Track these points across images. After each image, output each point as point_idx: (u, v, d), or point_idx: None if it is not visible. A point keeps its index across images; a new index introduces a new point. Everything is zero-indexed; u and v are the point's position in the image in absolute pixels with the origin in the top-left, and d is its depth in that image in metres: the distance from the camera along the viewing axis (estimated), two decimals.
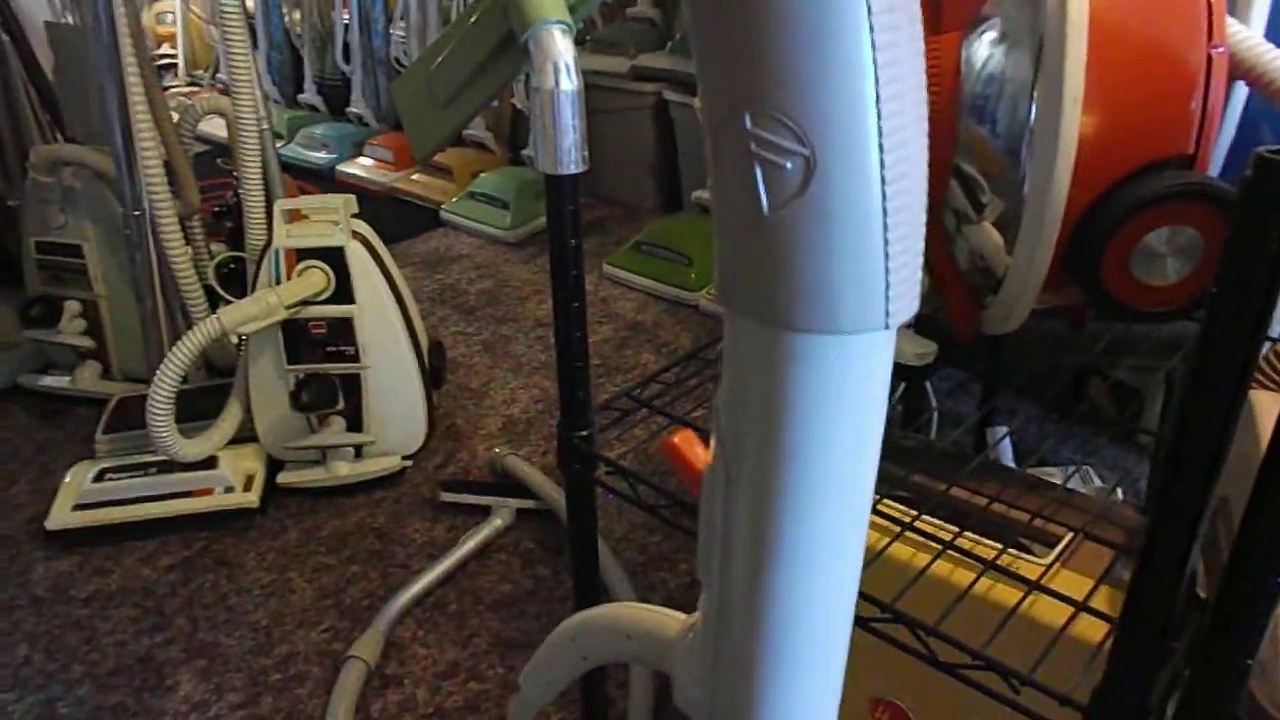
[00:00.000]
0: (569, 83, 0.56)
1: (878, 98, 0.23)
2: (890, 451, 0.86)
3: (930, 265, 0.81)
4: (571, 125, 0.57)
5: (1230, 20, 0.72)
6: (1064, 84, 0.64)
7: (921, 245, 0.27)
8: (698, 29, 0.26)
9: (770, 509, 0.30)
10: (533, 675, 0.59)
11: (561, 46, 0.56)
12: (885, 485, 0.85)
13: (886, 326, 0.27)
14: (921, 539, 0.75)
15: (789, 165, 0.24)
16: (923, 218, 0.27)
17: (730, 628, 0.33)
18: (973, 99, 0.78)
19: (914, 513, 0.76)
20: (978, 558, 0.71)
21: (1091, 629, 0.65)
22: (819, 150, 0.24)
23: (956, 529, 0.74)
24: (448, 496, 1.59)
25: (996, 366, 1.13)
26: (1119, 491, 1.31)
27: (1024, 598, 0.67)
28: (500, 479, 1.64)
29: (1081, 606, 0.64)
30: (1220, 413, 0.40)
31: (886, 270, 0.25)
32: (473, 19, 0.63)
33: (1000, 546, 0.73)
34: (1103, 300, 0.70)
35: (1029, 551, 0.74)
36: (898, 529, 0.75)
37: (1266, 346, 0.75)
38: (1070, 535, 0.74)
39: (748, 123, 0.24)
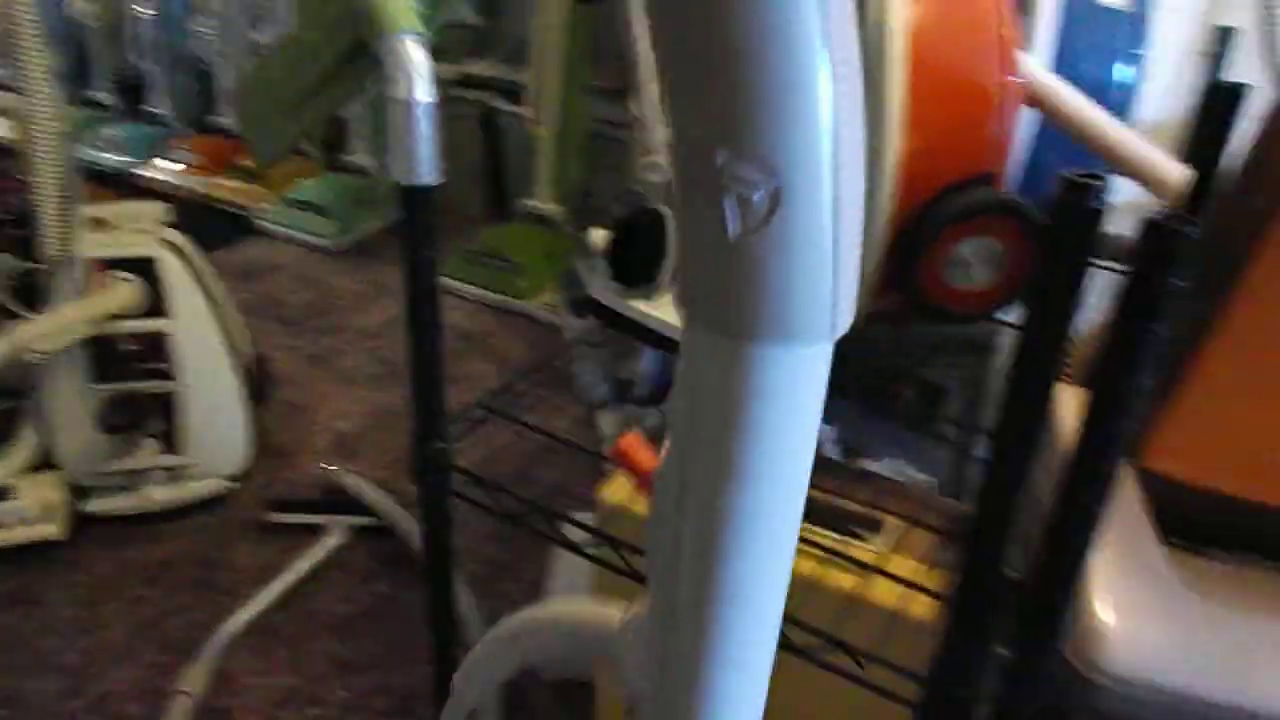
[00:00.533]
0: (425, 94, 0.56)
1: (835, 133, 0.26)
2: None
3: None
4: (427, 136, 0.57)
5: (1019, 53, 0.81)
6: (886, 112, 0.69)
7: (858, 264, 0.30)
8: (669, 74, 0.28)
9: (725, 505, 0.32)
10: (469, 677, 0.60)
11: (417, 57, 0.56)
12: None
13: (831, 338, 0.29)
14: None
15: (758, 196, 0.26)
16: (859, 239, 0.29)
17: (677, 621, 0.35)
18: None
19: None
20: (820, 545, 0.75)
21: (925, 608, 0.71)
22: (786, 181, 0.26)
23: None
24: (276, 518, 1.53)
25: None
26: (933, 481, 1.41)
27: (894, 583, 0.72)
28: (333, 496, 1.59)
29: (916, 587, 0.70)
30: (1039, 404, 0.45)
31: (834, 286, 0.28)
32: (318, 25, 0.62)
33: (837, 535, 0.78)
34: (922, 304, 0.76)
35: (863, 539, 0.80)
36: None
37: None
38: (899, 522, 0.81)
39: (720, 159, 0.26)
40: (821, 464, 0.95)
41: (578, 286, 0.94)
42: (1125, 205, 0.62)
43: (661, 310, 0.84)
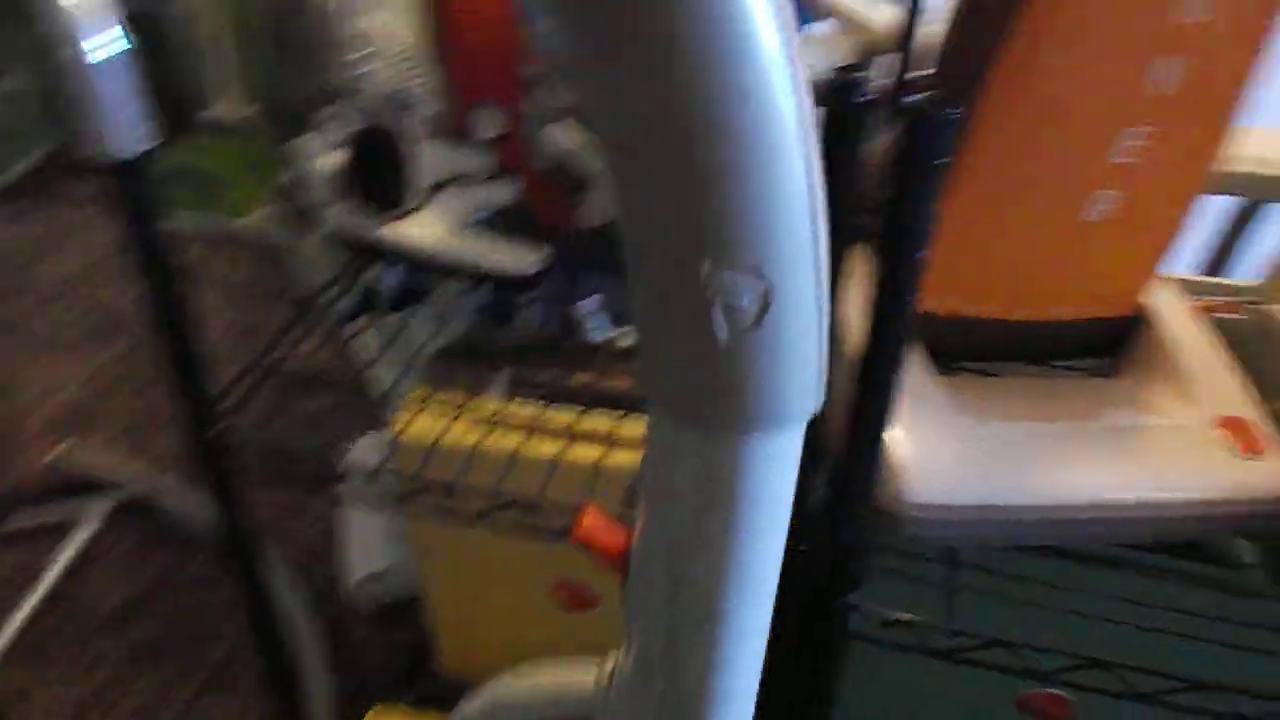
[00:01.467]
0: (110, 44, 0.46)
1: (814, 224, 0.25)
2: (508, 352, 0.89)
3: (517, 171, 0.83)
4: (127, 96, 0.48)
5: None
6: None
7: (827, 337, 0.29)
8: (636, 191, 0.25)
9: (719, 583, 0.32)
10: None
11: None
12: (515, 386, 0.89)
13: (816, 409, 0.29)
14: (553, 431, 0.80)
15: (747, 300, 0.25)
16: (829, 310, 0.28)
17: (656, 680, 0.35)
18: (523, 2, 0.79)
19: (541, 407, 0.81)
20: (607, 434, 0.77)
21: None
22: (776, 282, 0.24)
23: (580, 410, 0.81)
24: (7, 526, 1.35)
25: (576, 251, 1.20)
26: None
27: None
28: (73, 480, 1.42)
29: None
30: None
31: (820, 361, 0.27)
32: None
33: (619, 416, 0.81)
34: None
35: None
36: (528, 425, 0.79)
37: None
38: None
39: (706, 268, 0.24)
40: (589, 349, 0.96)
41: (300, 199, 0.86)
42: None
43: (415, 229, 0.80)
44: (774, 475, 0.30)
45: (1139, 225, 0.61)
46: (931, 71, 0.61)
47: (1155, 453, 0.61)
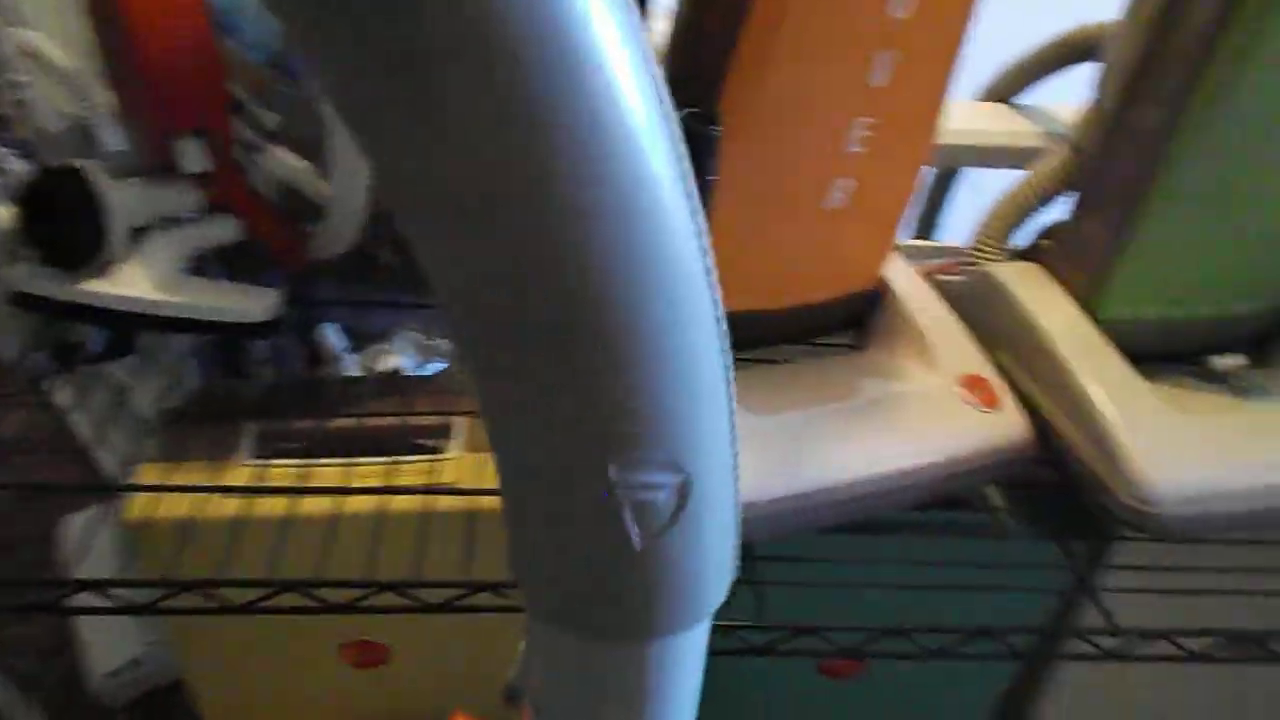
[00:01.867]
0: None
1: (729, 388, 0.21)
2: (251, 406, 0.80)
3: (233, 205, 0.75)
4: None
5: None
6: None
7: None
8: (522, 400, 0.19)
9: None
10: None
11: None
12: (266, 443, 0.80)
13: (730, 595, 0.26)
14: (322, 489, 0.73)
15: (663, 495, 0.20)
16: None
17: None
18: (220, 14, 0.71)
19: (303, 463, 0.73)
20: (378, 489, 0.71)
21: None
22: (694, 471, 0.20)
23: (348, 460, 0.74)
24: None
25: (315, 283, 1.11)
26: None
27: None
28: None
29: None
30: None
31: (735, 542, 0.24)
32: None
33: (409, 459, 0.75)
34: None
35: (438, 450, 0.78)
36: (291, 487, 0.71)
37: None
38: (463, 419, 0.80)
39: (613, 472, 0.20)
40: (344, 387, 0.89)
41: None
42: None
43: (117, 284, 0.69)
44: (689, 669, 0.27)
45: (874, 206, 0.64)
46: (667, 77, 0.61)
47: (911, 419, 0.64)
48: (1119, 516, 0.60)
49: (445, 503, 0.70)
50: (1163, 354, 0.68)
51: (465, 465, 0.75)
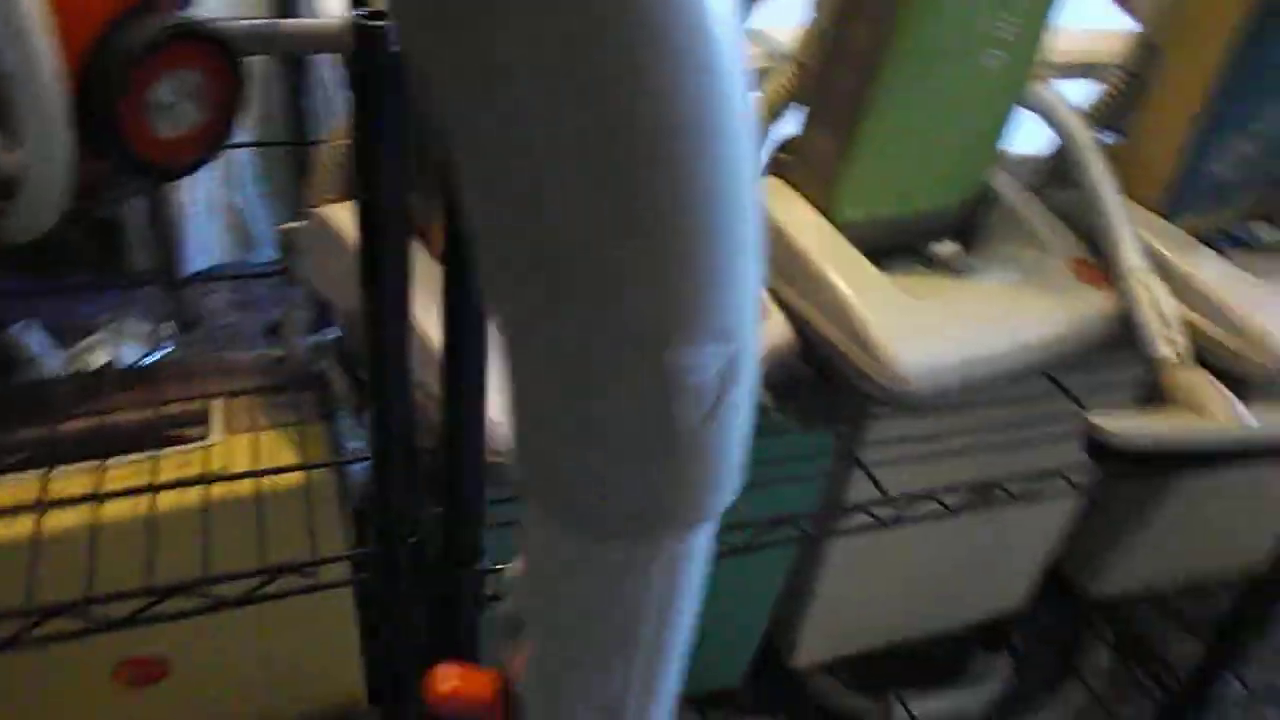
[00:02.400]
0: None
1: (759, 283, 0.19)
2: None
3: None
4: None
5: None
6: None
7: None
8: (558, 271, 0.19)
9: (632, 686, 0.25)
10: None
11: None
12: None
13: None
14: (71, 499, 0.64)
15: (712, 374, 0.19)
16: None
17: None
18: None
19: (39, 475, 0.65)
20: (141, 489, 0.65)
21: (289, 480, 0.67)
22: (740, 343, 0.18)
23: (95, 465, 0.66)
24: None
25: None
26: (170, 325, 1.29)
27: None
28: None
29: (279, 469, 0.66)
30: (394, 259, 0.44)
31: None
32: None
33: (161, 452, 0.68)
34: (138, 166, 0.64)
35: (193, 439, 0.71)
36: (32, 502, 0.63)
37: None
38: (219, 402, 0.74)
39: (671, 347, 0.19)
40: (67, 386, 0.79)
41: None
42: None
43: None
44: (696, 568, 0.26)
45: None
46: None
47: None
48: (878, 398, 0.67)
49: (224, 491, 0.64)
50: (892, 247, 0.76)
51: (235, 448, 0.69)
